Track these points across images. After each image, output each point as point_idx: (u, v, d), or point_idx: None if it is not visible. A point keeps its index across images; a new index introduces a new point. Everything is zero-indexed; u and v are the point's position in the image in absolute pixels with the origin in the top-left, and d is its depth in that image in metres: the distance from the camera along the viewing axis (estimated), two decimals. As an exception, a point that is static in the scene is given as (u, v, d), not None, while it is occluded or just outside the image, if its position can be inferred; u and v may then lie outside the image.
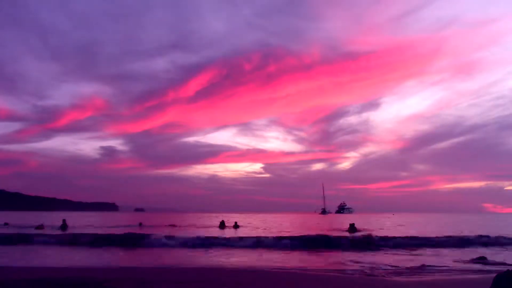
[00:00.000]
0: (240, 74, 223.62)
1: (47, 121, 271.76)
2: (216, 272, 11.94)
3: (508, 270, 5.11)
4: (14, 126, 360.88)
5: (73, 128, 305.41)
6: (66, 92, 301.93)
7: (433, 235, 26.06)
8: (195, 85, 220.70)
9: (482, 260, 15.77)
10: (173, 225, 44.72)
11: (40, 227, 37.06)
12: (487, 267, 13.73)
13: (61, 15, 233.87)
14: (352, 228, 33.83)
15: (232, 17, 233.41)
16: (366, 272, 12.39)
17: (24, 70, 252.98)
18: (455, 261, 15.66)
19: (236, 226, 41.64)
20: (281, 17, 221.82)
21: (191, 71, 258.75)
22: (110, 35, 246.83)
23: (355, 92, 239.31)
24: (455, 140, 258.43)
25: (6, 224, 42.94)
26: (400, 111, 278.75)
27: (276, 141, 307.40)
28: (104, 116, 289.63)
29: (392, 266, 14.02)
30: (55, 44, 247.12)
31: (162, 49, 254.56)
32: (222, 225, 41.96)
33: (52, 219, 58.21)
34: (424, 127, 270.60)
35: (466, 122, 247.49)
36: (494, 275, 5.26)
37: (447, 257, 16.92)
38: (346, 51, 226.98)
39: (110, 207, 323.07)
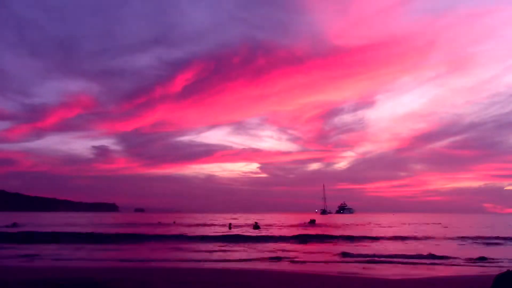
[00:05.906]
0: (229, 68, 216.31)
1: (36, 120, 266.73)
2: (216, 272, 11.93)
3: (508, 270, 5.11)
4: (3, 125, 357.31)
5: (63, 127, 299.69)
6: (52, 90, 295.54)
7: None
8: (182, 80, 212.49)
9: (482, 260, 15.77)
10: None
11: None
12: (487, 267, 13.72)
13: (37, 9, 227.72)
14: (256, 226, 41.80)
15: (214, 10, 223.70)
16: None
17: (3, 66, 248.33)
18: (455, 261, 15.66)
19: (256, 226, 40.97)
20: (265, 9, 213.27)
21: (177, 66, 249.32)
22: (89, 30, 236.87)
23: (349, 88, 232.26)
24: (453, 139, 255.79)
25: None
26: (395, 109, 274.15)
27: (270, 140, 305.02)
28: (93, 114, 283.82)
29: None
30: (32, 40, 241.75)
31: (144, 44, 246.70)
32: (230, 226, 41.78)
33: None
34: (421, 125, 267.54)
35: (463, 120, 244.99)
36: (494, 275, 5.25)
37: (447, 257, 16.92)
38: (336, 45, 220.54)
39: (110, 207, 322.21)
